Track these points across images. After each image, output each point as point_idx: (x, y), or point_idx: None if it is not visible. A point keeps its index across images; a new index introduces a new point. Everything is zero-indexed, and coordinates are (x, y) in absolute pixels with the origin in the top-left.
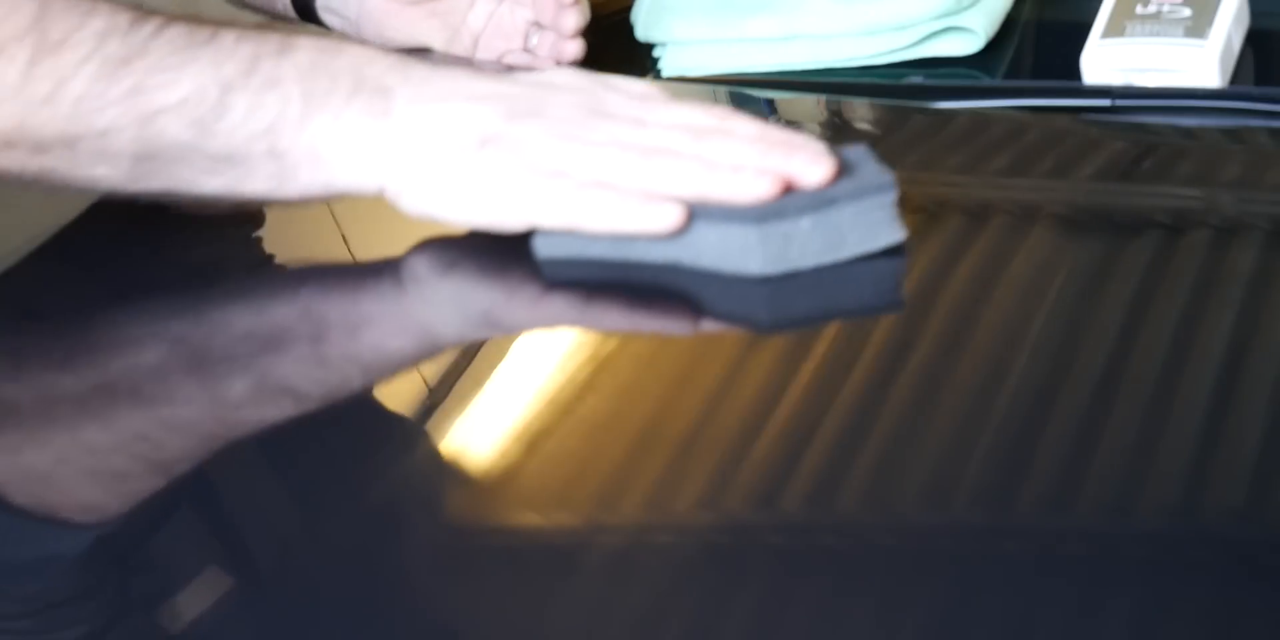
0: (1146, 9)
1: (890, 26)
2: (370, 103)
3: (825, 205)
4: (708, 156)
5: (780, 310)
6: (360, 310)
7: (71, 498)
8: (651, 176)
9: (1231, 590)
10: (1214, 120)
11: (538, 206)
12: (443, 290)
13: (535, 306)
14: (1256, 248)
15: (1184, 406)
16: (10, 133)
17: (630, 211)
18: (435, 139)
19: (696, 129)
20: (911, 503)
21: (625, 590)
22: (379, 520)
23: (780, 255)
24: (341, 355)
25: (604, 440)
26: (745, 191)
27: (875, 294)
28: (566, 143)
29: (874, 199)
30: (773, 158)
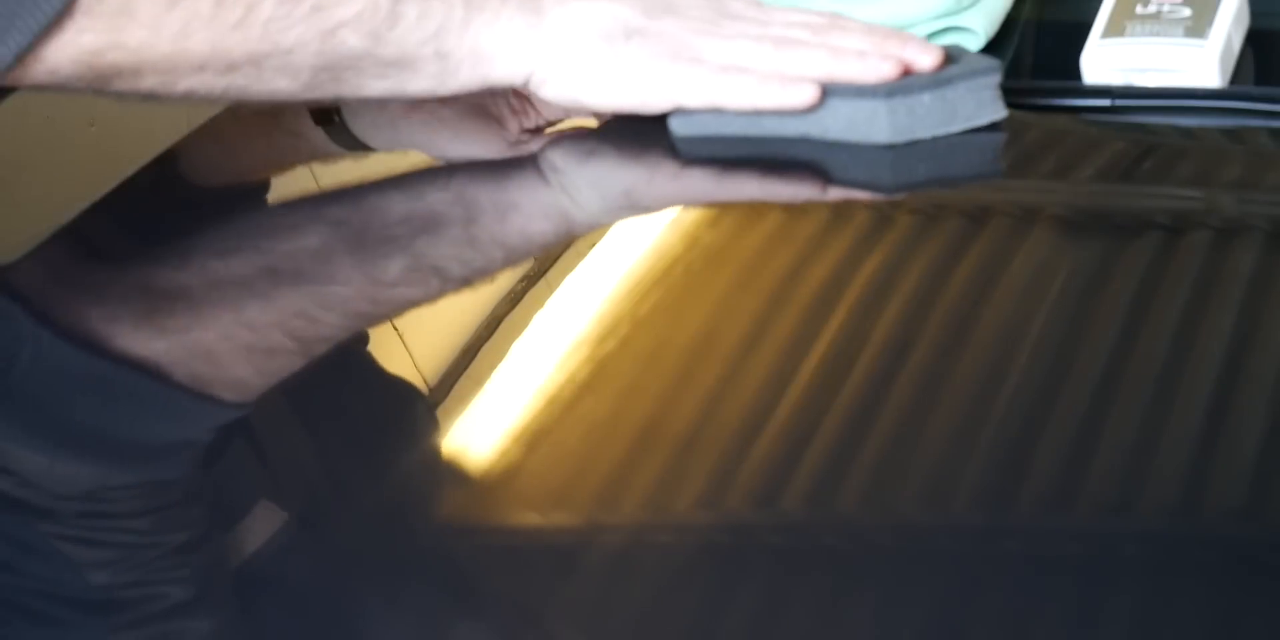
0: (1146, 9)
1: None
2: (523, 3)
3: (942, 84)
4: (833, 44)
5: (903, 175)
6: (507, 197)
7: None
8: (784, 61)
9: (1231, 590)
10: (1214, 120)
11: (681, 88)
12: (583, 176)
13: (675, 181)
14: (1256, 248)
15: (1184, 407)
16: (203, 57)
17: (769, 90)
18: (584, 33)
19: (815, 25)
20: (911, 503)
21: (625, 590)
22: (379, 520)
23: (904, 126)
24: (491, 238)
25: (604, 440)
26: (872, 72)
27: (980, 162)
28: (703, 36)
29: (983, 79)
30: (889, 46)
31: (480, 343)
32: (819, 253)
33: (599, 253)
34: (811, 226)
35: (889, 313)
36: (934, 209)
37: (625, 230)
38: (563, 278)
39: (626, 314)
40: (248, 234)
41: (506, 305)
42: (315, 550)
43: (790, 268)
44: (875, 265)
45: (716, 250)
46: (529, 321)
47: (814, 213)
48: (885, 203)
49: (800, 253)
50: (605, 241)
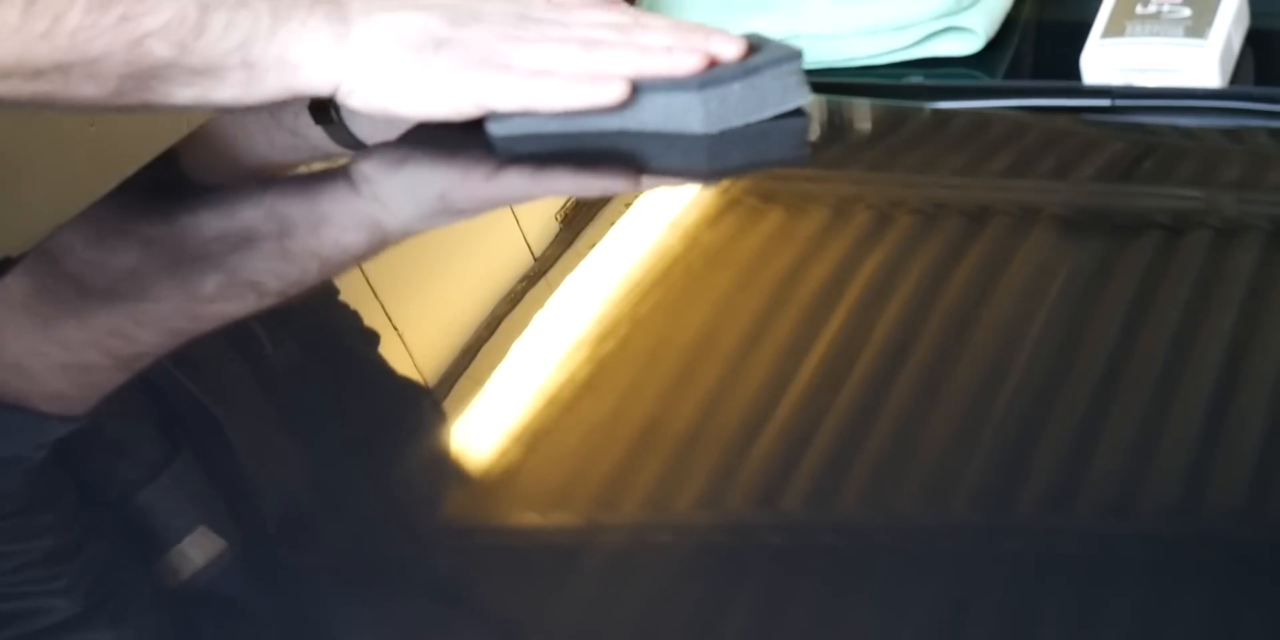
0: (1146, 9)
1: (890, 26)
2: (330, 12)
3: (750, 73)
4: (639, 42)
5: (718, 161)
6: (319, 210)
7: (43, 388)
8: (593, 61)
9: (1231, 590)
10: (1214, 120)
11: (492, 93)
12: (396, 183)
13: (489, 182)
14: (1256, 248)
15: (1184, 406)
16: (9, 65)
17: (579, 90)
18: (391, 43)
19: (619, 25)
20: (911, 503)
21: (625, 590)
22: (379, 520)
23: (717, 115)
24: (305, 250)
25: (604, 440)
26: (680, 65)
27: (790, 146)
28: (510, 41)
29: (788, 66)
30: (694, 40)
31: (480, 343)
32: (819, 252)
33: (599, 253)
34: (811, 226)
35: (889, 312)
36: (934, 209)
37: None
38: (563, 278)
39: (626, 314)
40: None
41: (506, 305)
42: (315, 550)
43: (790, 267)
44: (875, 265)
45: (716, 250)
46: (529, 321)
47: (814, 212)
48: (885, 202)
49: (800, 252)
50: (605, 241)
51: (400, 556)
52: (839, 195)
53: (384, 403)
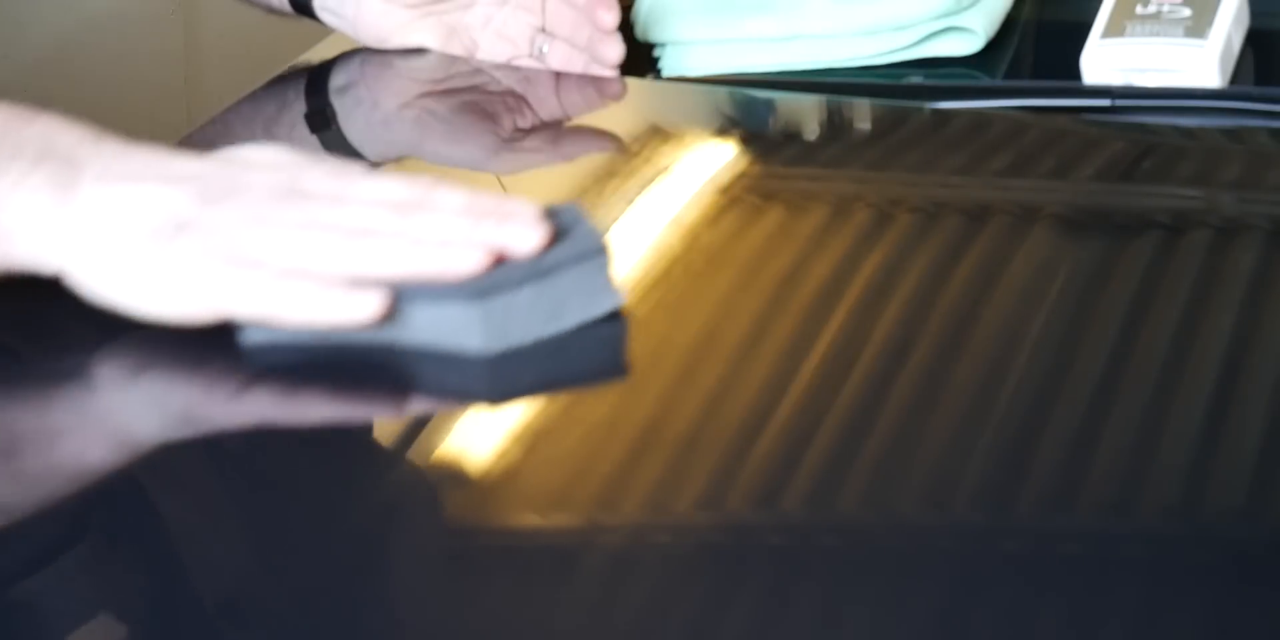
0: (1146, 9)
1: (890, 26)
2: (55, 174)
3: (543, 274)
4: (414, 232)
5: (503, 385)
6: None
7: None
8: (355, 259)
9: (1231, 590)
10: (1214, 120)
11: (232, 299)
12: (136, 393)
13: (234, 401)
14: (1256, 248)
15: (1184, 406)
16: None
17: (330, 301)
18: (123, 222)
19: (399, 204)
20: (911, 503)
21: (625, 590)
22: (379, 520)
23: (501, 330)
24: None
25: (604, 440)
26: (456, 266)
27: (598, 362)
28: (264, 228)
29: (591, 264)
30: (482, 228)
31: None
32: (819, 252)
33: None
34: (811, 225)
35: (889, 312)
36: (934, 208)
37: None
38: None
39: (627, 314)
40: None
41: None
42: (315, 550)
43: (790, 267)
44: (875, 264)
45: (716, 250)
46: None
47: (814, 212)
48: (885, 201)
49: (800, 252)
50: None
51: (400, 557)
52: (839, 194)
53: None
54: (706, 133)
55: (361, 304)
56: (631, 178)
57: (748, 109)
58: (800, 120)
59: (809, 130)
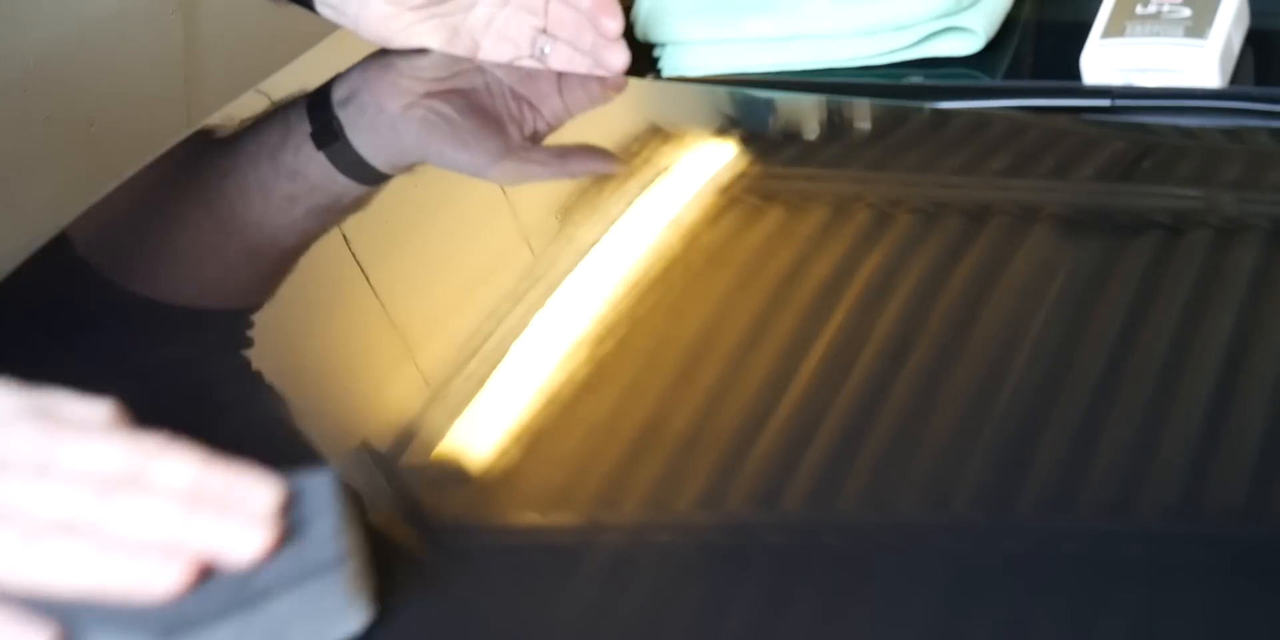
0: (1146, 9)
1: (890, 26)
2: None
3: (252, 601)
4: (111, 525)
5: None
6: None
7: None
8: (28, 567)
9: (1231, 590)
10: (1214, 120)
11: None
12: None
13: None
14: (1256, 248)
15: (1184, 406)
16: None
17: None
18: None
19: (109, 480)
20: (911, 502)
21: (625, 590)
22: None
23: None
24: None
25: (604, 440)
26: (146, 582)
27: None
28: None
29: (320, 582)
30: (195, 524)
31: (480, 343)
32: (819, 252)
33: (599, 253)
34: (811, 225)
35: (889, 312)
36: (934, 208)
37: (623, 229)
38: (563, 278)
39: (626, 314)
40: None
41: (507, 305)
42: None
43: (790, 267)
44: (875, 264)
45: (716, 250)
46: (529, 321)
47: (814, 212)
48: (885, 201)
49: (800, 252)
50: (605, 241)
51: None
52: (839, 194)
53: (384, 403)
54: (706, 133)
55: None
56: (631, 178)
57: (748, 109)
58: (800, 120)
59: (809, 130)
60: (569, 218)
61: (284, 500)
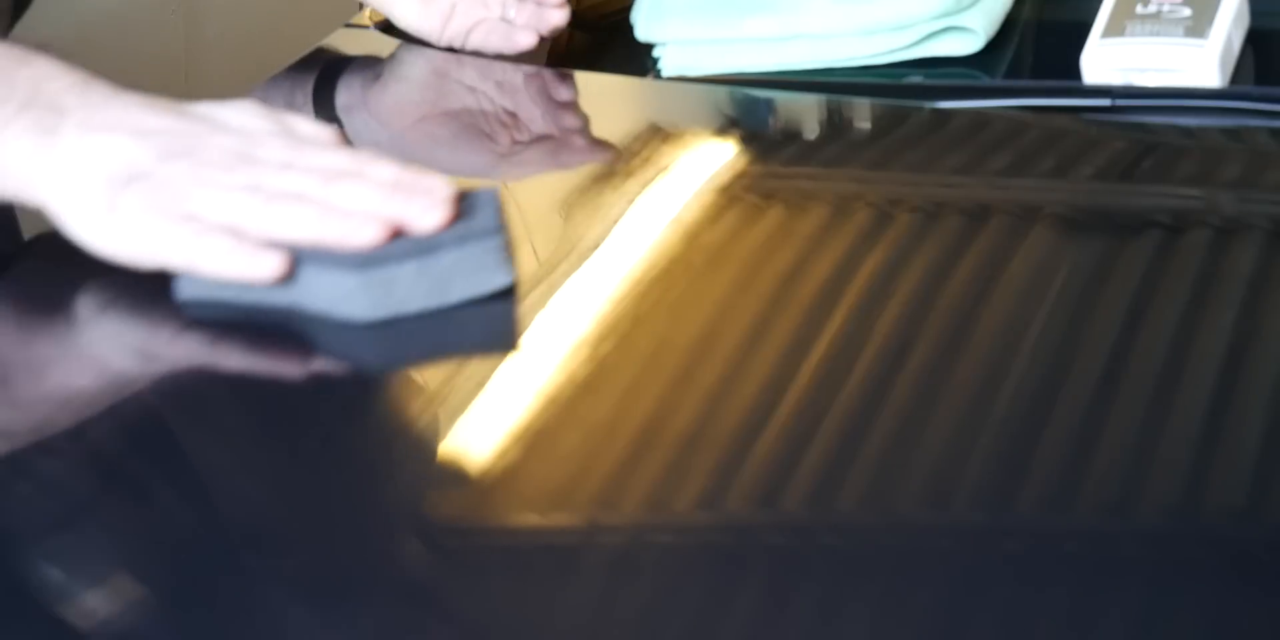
0: (1146, 9)
1: (890, 26)
2: (40, 119)
3: (429, 251)
4: (330, 201)
5: (388, 355)
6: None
7: None
8: (272, 222)
9: (1231, 590)
10: (1214, 120)
11: (164, 248)
12: (101, 329)
13: (169, 346)
14: (1256, 248)
15: (1184, 406)
16: None
17: (237, 259)
18: (90, 169)
19: (331, 172)
20: (911, 503)
21: (625, 590)
22: (379, 520)
23: (383, 301)
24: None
25: (604, 440)
26: (352, 237)
27: (486, 335)
28: (203, 187)
29: (479, 244)
30: (392, 203)
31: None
32: (819, 251)
33: (599, 253)
34: (811, 225)
35: (889, 312)
36: (934, 207)
37: (623, 229)
38: (564, 278)
39: (626, 314)
40: None
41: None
42: (314, 550)
43: (790, 266)
44: (875, 264)
45: (716, 250)
46: (529, 321)
47: (814, 211)
48: (885, 201)
49: (800, 251)
50: (605, 241)
51: (400, 556)
52: (839, 194)
53: (383, 403)
54: (706, 133)
55: (261, 264)
56: (631, 178)
57: (748, 109)
58: (800, 120)
59: (809, 130)
60: (570, 217)
61: (458, 195)
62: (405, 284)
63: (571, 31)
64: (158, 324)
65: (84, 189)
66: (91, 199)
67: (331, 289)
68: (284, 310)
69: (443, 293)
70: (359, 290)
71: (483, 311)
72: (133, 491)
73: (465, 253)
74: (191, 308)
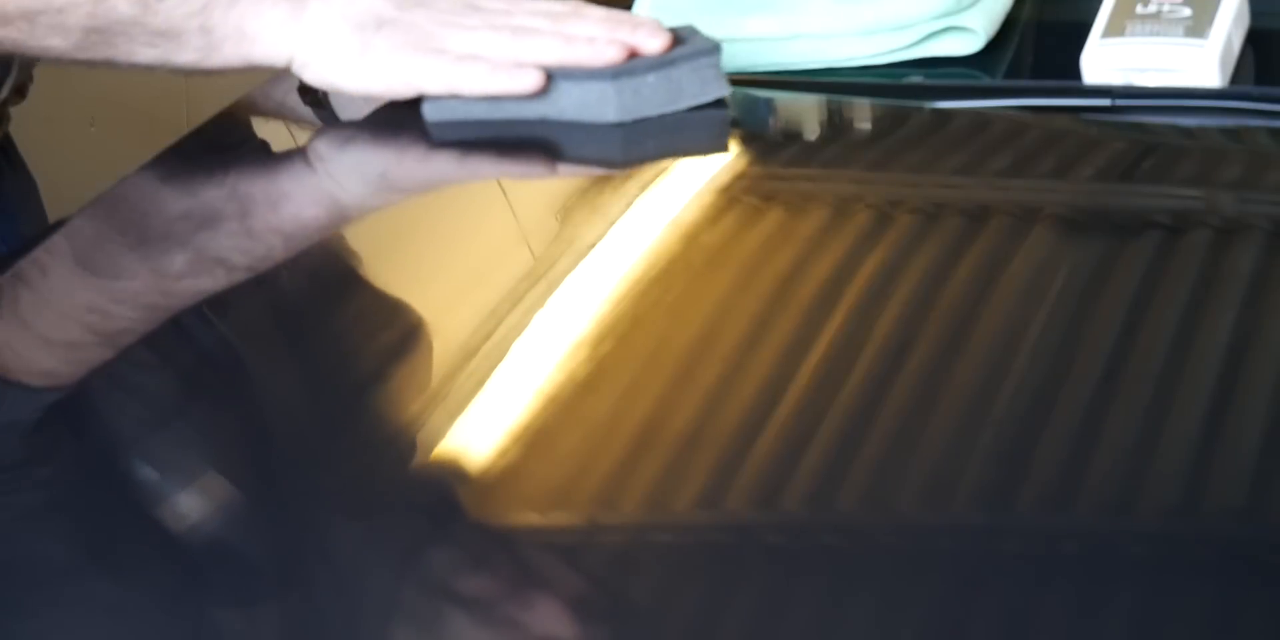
0: (1146, 9)
1: (890, 26)
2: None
3: (666, 65)
4: (567, 32)
5: (632, 151)
6: (278, 187)
7: (31, 365)
8: (519, 49)
9: (1231, 590)
10: (1214, 120)
11: (421, 75)
12: (344, 161)
13: (422, 163)
14: (1256, 248)
15: (1184, 406)
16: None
17: (499, 77)
18: (340, 22)
19: (555, 14)
20: (911, 502)
21: (625, 590)
22: (379, 520)
23: (631, 105)
24: (267, 227)
25: (604, 440)
26: (599, 56)
27: (706, 137)
28: (447, 27)
29: (705, 59)
30: (620, 32)
31: (480, 343)
32: (819, 252)
33: (599, 253)
34: (811, 226)
35: (889, 312)
36: (934, 208)
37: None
38: (563, 278)
39: (626, 314)
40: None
41: (507, 305)
42: (314, 549)
43: (790, 267)
44: (875, 265)
45: (716, 250)
46: (529, 321)
47: (814, 212)
48: (885, 202)
49: (800, 252)
50: (605, 241)
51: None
52: (839, 195)
53: (383, 402)
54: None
55: (524, 79)
56: (631, 178)
57: (748, 109)
58: (800, 120)
59: (809, 130)
60: (569, 218)
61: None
62: (649, 91)
63: None
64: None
65: (336, 38)
66: (344, 45)
67: (586, 96)
68: (532, 122)
69: (676, 99)
70: (612, 95)
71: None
72: None
73: (695, 66)
74: (441, 129)
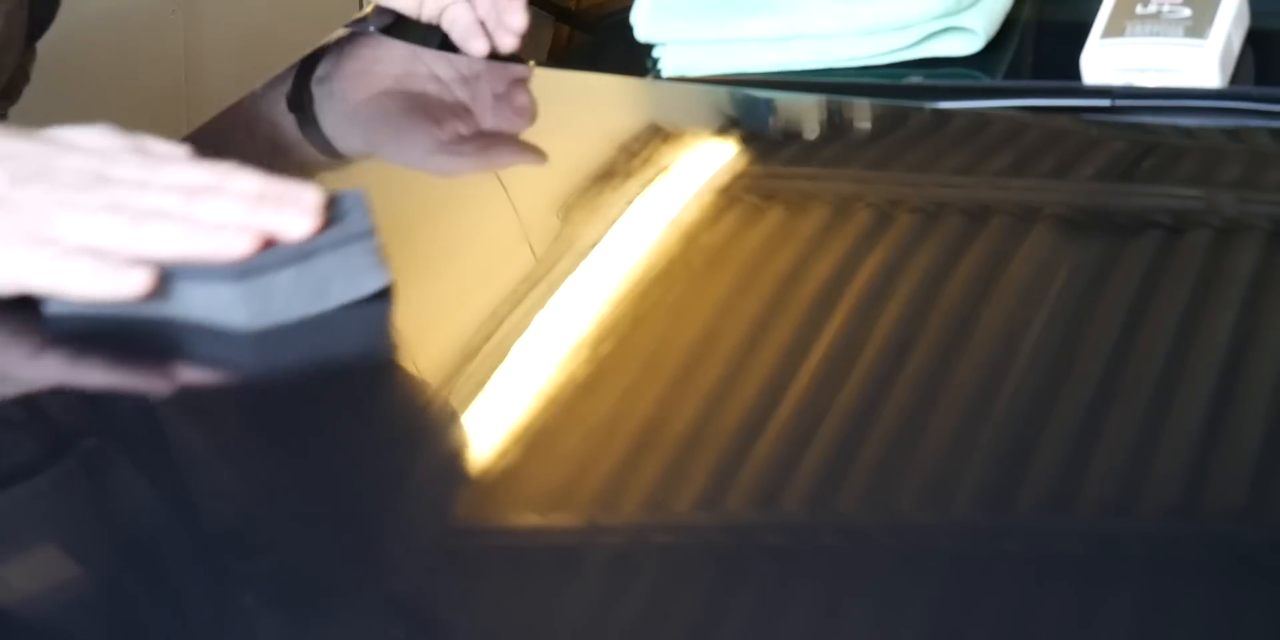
0: (1146, 9)
1: (890, 26)
2: None
3: (305, 257)
4: (195, 216)
5: (267, 360)
6: None
7: None
8: (136, 239)
9: (1231, 590)
10: (1214, 120)
11: (24, 272)
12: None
13: (26, 363)
14: (1256, 248)
15: (1184, 406)
16: None
17: (102, 278)
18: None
19: (192, 188)
20: (911, 503)
21: (625, 591)
22: (379, 520)
23: (264, 308)
24: None
25: (604, 440)
26: (224, 249)
27: (362, 339)
28: (61, 209)
29: (354, 247)
30: (260, 214)
31: (480, 343)
32: (819, 252)
33: (599, 253)
34: (812, 226)
35: (889, 312)
36: (934, 208)
37: (623, 229)
38: (563, 278)
39: (626, 314)
40: None
41: (507, 305)
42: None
43: (790, 267)
44: (875, 264)
45: (716, 250)
46: (529, 321)
47: (814, 212)
48: (885, 201)
49: (800, 252)
50: (605, 241)
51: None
52: (839, 194)
53: (383, 403)
54: (706, 133)
55: (128, 280)
56: (631, 178)
57: (748, 109)
58: (800, 120)
59: (809, 130)
60: (569, 218)
61: (327, 200)
62: (284, 291)
63: (571, 31)
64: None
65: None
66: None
67: (209, 300)
68: (157, 321)
69: (321, 297)
70: (238, 300)
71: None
72: None
73: (341, 256)
74: (57, 323)
